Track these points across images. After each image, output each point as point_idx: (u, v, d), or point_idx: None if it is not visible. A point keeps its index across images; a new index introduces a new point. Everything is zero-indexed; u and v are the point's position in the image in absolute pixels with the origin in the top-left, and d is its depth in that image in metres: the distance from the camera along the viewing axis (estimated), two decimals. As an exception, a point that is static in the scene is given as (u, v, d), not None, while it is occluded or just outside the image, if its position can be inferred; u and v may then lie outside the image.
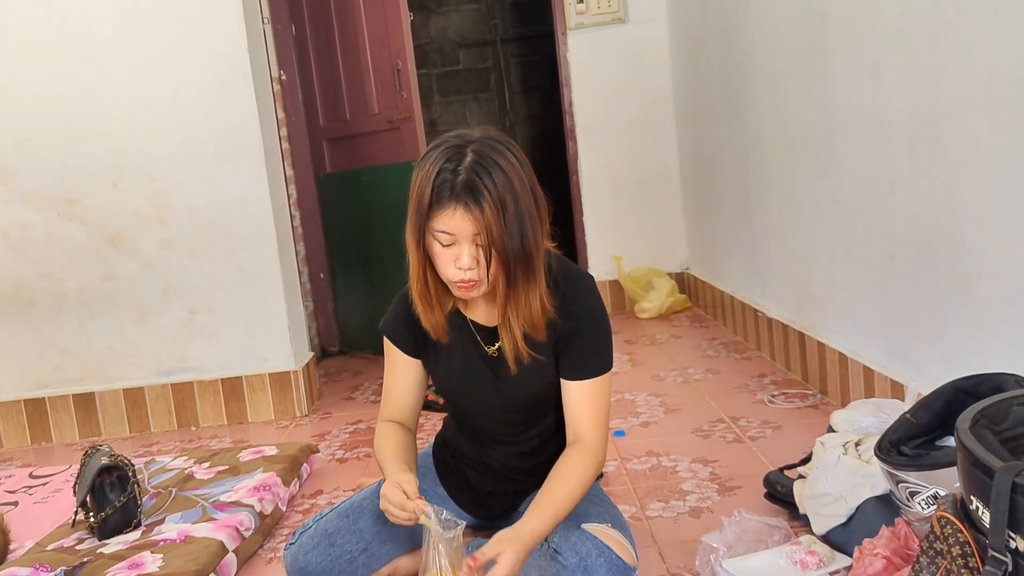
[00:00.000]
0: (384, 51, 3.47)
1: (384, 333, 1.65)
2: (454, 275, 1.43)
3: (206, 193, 2.94)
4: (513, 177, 1.40)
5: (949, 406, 1.45)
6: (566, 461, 1.52)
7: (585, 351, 1.54)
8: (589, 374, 1.54)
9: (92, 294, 2.99)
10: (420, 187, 1.41)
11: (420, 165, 1.43)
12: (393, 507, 1.43)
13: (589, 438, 1.53)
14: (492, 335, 1.58)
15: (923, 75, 1.84)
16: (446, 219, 1.39)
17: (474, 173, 1.37)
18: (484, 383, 1.59)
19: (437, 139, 1.46)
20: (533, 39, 6.21)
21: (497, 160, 1.40)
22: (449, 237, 1.40)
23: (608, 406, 1.58)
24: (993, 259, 1.66)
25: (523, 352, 1.50)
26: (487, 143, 1.41)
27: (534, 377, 1.56)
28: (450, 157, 1.39)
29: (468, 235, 1.39)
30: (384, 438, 1.61)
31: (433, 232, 1.41)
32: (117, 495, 1.93)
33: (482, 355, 1.59)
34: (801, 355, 2.71)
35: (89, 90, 2.90)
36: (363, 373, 3.59)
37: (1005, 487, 1.00)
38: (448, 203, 1.38)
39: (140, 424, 3.02)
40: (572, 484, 1.49)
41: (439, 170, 1.39)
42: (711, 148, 3.65)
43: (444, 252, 1.42)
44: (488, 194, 1.37)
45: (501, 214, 1.38)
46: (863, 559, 1.42)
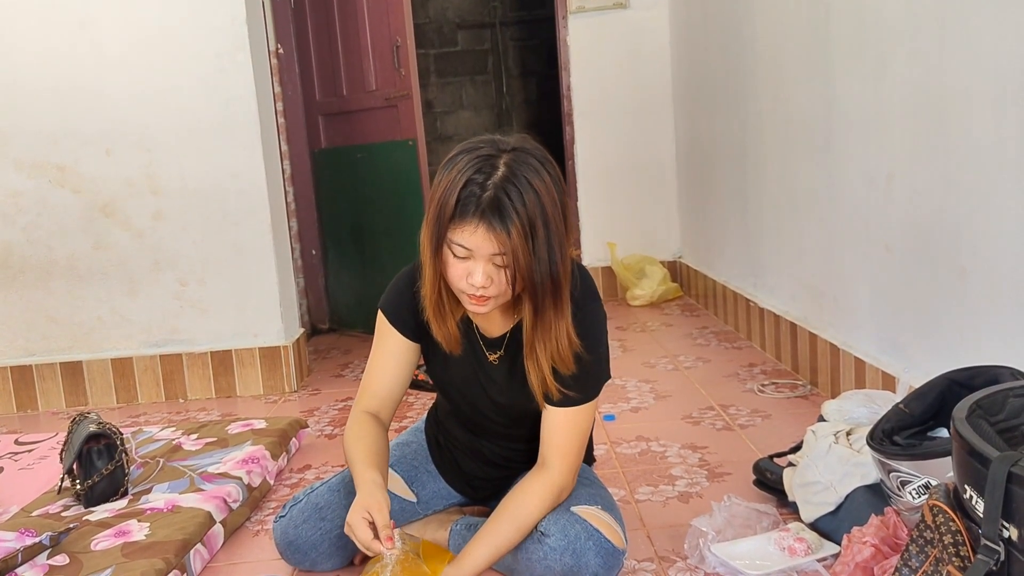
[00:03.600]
0: (384, 27, 3.44)
1: (383, 310, 1.56)
2: (465, 288, 1.36)
3: (200, 165, 2.92)
4: (545, 199, 1.31)
5: (943, 397, 1.46)
6: (525, 492, 1.47)
7: (574, 380, 1.46)
8: (572, 403, 1.48)
9: (82, 263, 2.96)
10: (444, 194, 1.31)
11: (446, 169, 1.34)
12: (358, 543, 1.37)
13: (555, 467, 1.48)
14: (496, 344, 1.54)
15: (927, 66, 1.84)
16: (466, 235, 1.31)
17: (503, 191, 1.28)
18: (479, 388, 1.57)
19: (468, 142, 1.36)
20: (532, 23, 6.18)
21: (531, 179, 1.30)
22: (465, 251, 1.33)
23: (586, 434, 1.52)
24: (990, 252, 1.66)
25: (552, 388, 1.43)
26: (522, 157, 1.32)
27: (524, 389, 1.50)
28: (480, 167, 1.30)
29: (486, 254, 1.32)
30: (356, 434, 1.52)
31: (450, 243, 1.33)
32: (104, 463, 1.91)
33: (482, 362, 1.55)
34: (792, 346, 2.72)
35: (84, 57, 2.86)
36: (353, 351, 3.58)
37: (1000, 476, 1.00)
38: (471, 218, 1.29)
39: (128, 395, 3.00)
40: (522, 520, 1.46)
41: (467, 180, 1.29)
42: (708, 136, 3.65)
43: (457, 264, 1.34)
44: (517, 216, 1.28)
45: (529, 239, 1.29)
46: (851, 547, 1.42)
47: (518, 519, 1.46)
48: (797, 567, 1.51)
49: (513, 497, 1.48)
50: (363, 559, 1.66)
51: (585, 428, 1.52)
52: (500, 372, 1.54)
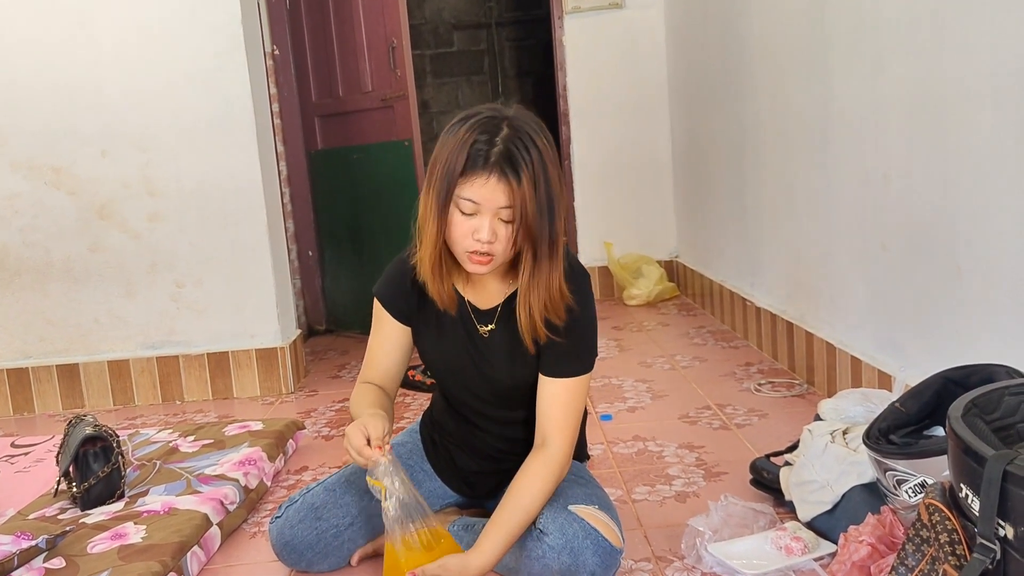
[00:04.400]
0: (379, 28, 3.44)
1: (376, 296, 1.63)
2: (469, 246, 1.42)
3: (197, 166, 2.91)
4: (546, 156, 1.40)
5: (939, 396, 1.46)
6: (527, 475, 1.50)
7: (569, 350, 1.51)
8: (568, 374, 1.52)
9: (79, 265, 2.96)
10: (450, 152, 1.39)
11: (451, 132, 1.42)
12: (351, 449, 1.41)
13: (555, 442, 1.51)
14: (487, 317, 1.57)
15: (924, 66, 1.84)
16: (476, 187, 1.38)
17: (512, 145, 1.37)
18: (471, 363, 1.58)
19: (467, 111, 1.45)
20: (528, 23, 6.18)
21: (533, 137, 1.39)
22: (473, 206, 1.39)
23: (581, 408, 1.56)
24: (987, 250, 1.66)
25: (540, 331, 1.47)
26: (521, 120, 1.41)
27: (520, 364, 1.55)
28: (486, 127, 1.39)
29: (493, 207, 1.39)
30: (361, 394, 1.59)
31: (457, 199, 1.39)
32: (101, 465, 1.91)
33: (472, 336, 1.58)
34: (789, 345, 2.72)
35: (80, 58, 2.86)
36: (350, 352, 3.58)
37: (996, 475, 1.00)
38: (481, 171, 1.37)
39: (124, 397, 3.00)
40: (529, 503, 1.47)
41: (475, 139, 1.37)
42: (705, 136, 3.65)
43: (463, 222, 1.41)
44: (525, 167, 1.37)
45: (535, 190, 1.37)
46: (848, 546, 1.43)
47: (524, 503, 1.48)
48: (794, 566, 1.51)
49: (516, 483, 1.50)
50: (360, 559, 1.66)
51: (581, 402, 1.55)
52: (492, 345, 1.56)
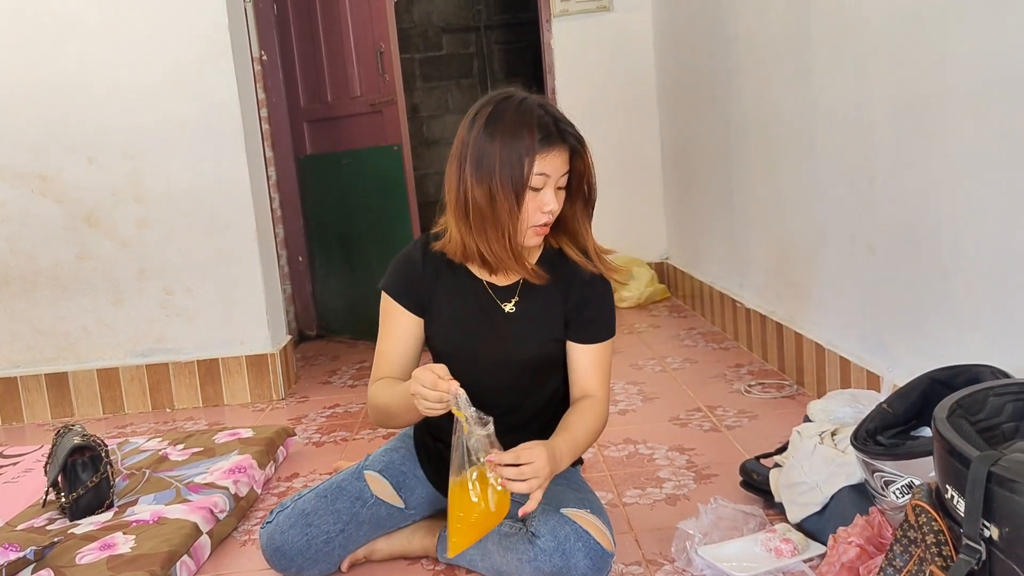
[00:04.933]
0: (367, 33, 3.44)
1: (385, 290, 1.62)
2: (538, 220, 1.49)
3: (185, 173, 2.91)
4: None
5: (925, 397, 1.46)
6: (581, 407, 1.57)
7: (597, 316, 1.61)
8: (600, 338, 1.61)
9: (67, 273, 2.95)
10: (512, 136, 1.44)
11: (495, 120, 1.46)
12: (424, 387, 1.37)
13: (599, 394, 1.60)
14: (507, 293, 1.60)
15: (907, 68, 1.85)
16: (549, 162, 1.46)
17: (558, 115, 1.48)
18: (493, 342, 1.59)
19: (488, 101, 1.51)
20: (517, 26, 6.19)
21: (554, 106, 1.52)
22: (543, 179, 1.47)
23: (611, 369, 1.66)
24: (972, 251, 1.67)
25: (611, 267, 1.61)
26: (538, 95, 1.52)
27: (548, 333, 1.60)
28: (528, 107, 1.47)
29: (557, 176, 1.48)
30: (386, 384, 1.57)
31: (532, 177, 1.46)
32: (89, 475, 1.90)
33: (494, 315, 1.59)
34: (778, 346, 2.73)
35: (66, 65, 2.85)
36: (341, 357, 3.58)
37: (981, 476, 1.00)
38: (551, 145, 1.45)
39: (114, 405, 2.99)
40: (590, 424, 1.55)
41: (533, 120, 1.45)
42: (693, 138, 3.66)
43: (533, 199, 1.48)
44: (578, 132, 1.50)
45: (587, 148, 1.52)
46: (837, 547, 1.43)
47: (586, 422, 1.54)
48: (784, 568, 1.51)
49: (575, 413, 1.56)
50: (351, 565, 1.65)
51: (611, 361, 1.66)
52: (517, 320, 1.58)
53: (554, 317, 1.60)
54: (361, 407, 2.82)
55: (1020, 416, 1.18)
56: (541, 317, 1.59)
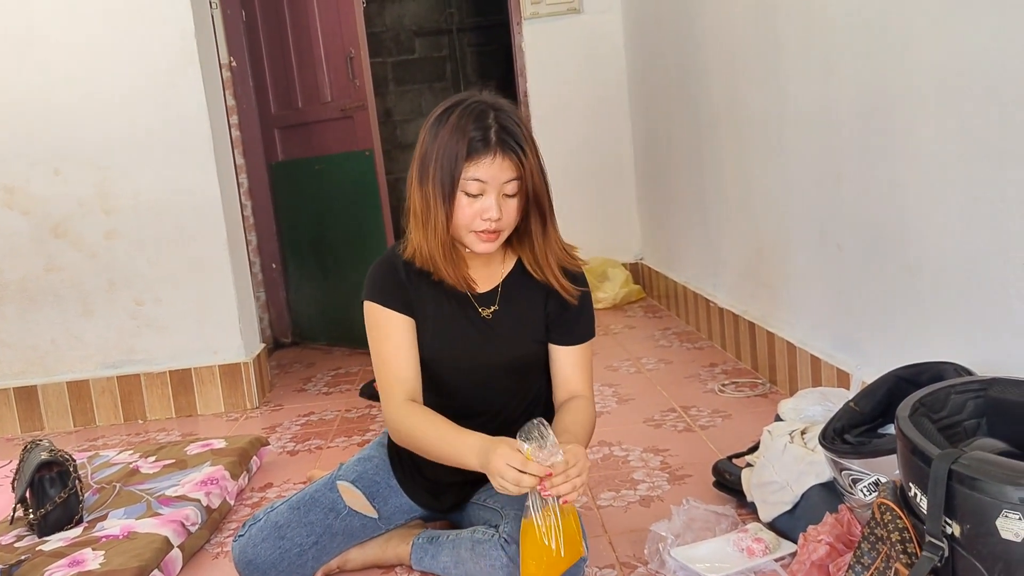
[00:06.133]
0: (337, 38, 3.42)
1: (372, 300, 1.58)
2: (478, 226, 1.47)
3: (153, 182, 2.88)
4: (528, 127, 1.51)
5: (891, 394, 1.48)
6: (574, 407, 1.59)
7: (578, 317, 1.62)
8: (582, 339, 1.63)
9: (34, 285, 2.91)
10: (448, 140, 1.44)
11: (439, 124, 1.47)
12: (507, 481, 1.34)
13: (586, 393, 1.63)
14: (487, 299, 1.59)
15: (871, 68, 1.86)
16: (483, 167, 1.44)
17: (506, 122, 1.45)
18: (476, 347, 1.58)
19: (446, 103, 1.51)
20: (489, 29, 6.19)
21: (514, 112, 1.49)
22: (479, 186, 1.45)
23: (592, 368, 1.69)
24: (936, 250, 1.69)
25: (567, 287, 1.57)
26: (494, 98, 1.50)
27: (530, 338, 1.61)
28: (473, 112, 1.45)
29: (498, 184, 1.45)
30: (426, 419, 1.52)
31: (464, 183, 1.45)
32: (57, 491, 1.88)
33: (474, 320, 1.59)
34: (751, 345, 2.74)
35: (30, 75, 2.81)
36: (316, 364, 3.56)
37: (942, 474, 1.01)
38: (486, 152, 1.43)
39: (85, 418, 2.95)
40: (587, 423, 1.57)
41: (471, 123, 1.44)
42: (665, 138, 3.67)
43: (469, 204, 1.46)
44: (524, 139, 1.46)
45: (536, 157, 1.48)
46: (807, 545, 1.44)
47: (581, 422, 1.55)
48: (755, 568, 1.52)
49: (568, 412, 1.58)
50: (324, 575, 1.65)
51: (592, 366, 1.68)
52: (498, 325, 1.59)
53: (534, 321, 1.61)
54: (337, 414, 2.80)
55: (981, 413, 1.20)
56: (521, 322, 1.60)
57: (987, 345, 1.54)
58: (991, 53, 1.45)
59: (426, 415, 1.53)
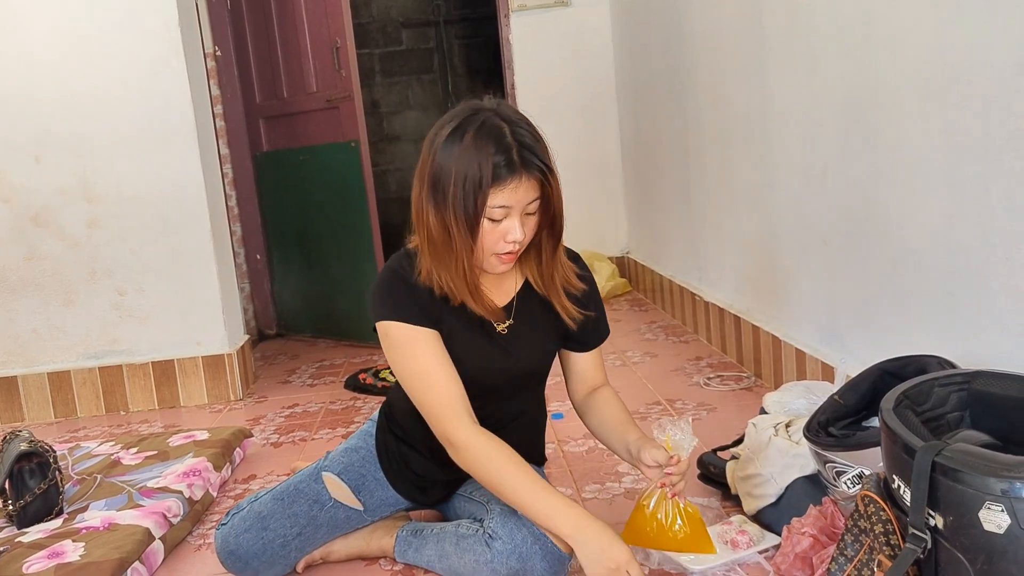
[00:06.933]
0: (323, 28, 3.40)
1: (390, 319, 1.47)
2: (502, 248, 1.42)
3: (136, 171, 2.85)
4: (544, 139, 1.43)
5: (875, 387, 1.48)
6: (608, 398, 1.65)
7: (595, 323, 1.64)
8: (601, 342, 1.68)
9: (14, 274, 2.88)
10: (467, 168, 1.35)
11: (451, 145, 1.37)
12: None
13: (607, 382, 1.69)
14: (503, 313, 1.56)
15: (855, 64, 1.87)
16: (507, 193, 1.37)
17: (523, 140, 1.38)
18: (492, 362, 1.55)
19: (453, 118, 1.40)
20: (476, 21, 6.16)
21: (528, 123, 1.42)
22: (504, 211, 1.39)
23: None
24: (918, 244, 1.69)
25: (571, 308, 1.55)
26: (509, 112, 1.42)
27: (545, 349, 1.62)
28: (491, 132, 1.36)
29: (523, 206, 1.40)
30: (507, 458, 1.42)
31: (489, 210, 1.38)
32: (37, 482, 1.86)
33: (491, 334, 1.55)
34: (736, 338, 2.75)
35: (12, 63, 2.78)
36: (300, 356, 3.54)
37: (925, 466, 1.02)
38: (511, 177, 1.36)
39: (66, 409, 2.92)
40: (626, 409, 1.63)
41: (491, 147, 1.35)
42: (651, 133, 3.67)
43: (493, 229, 1.40)
44: (546, 155, 1.40)
45: (555, 174, 1.42)
46: (791, 537, 1.44)
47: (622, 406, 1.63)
48: (740, 560, 1.52)
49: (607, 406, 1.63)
50: (306, 566, 1.64)
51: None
52: (513, 339, 1.56)
53: (548, 332, 1.61)
54: (320, 406, 2.79)
55: (964, 406, 1.20)
56: (535, 334, 1.59)
57: (970, 339, 1.55)
58: (974, 49, 1.45)
59: (512, 459, 1.43)
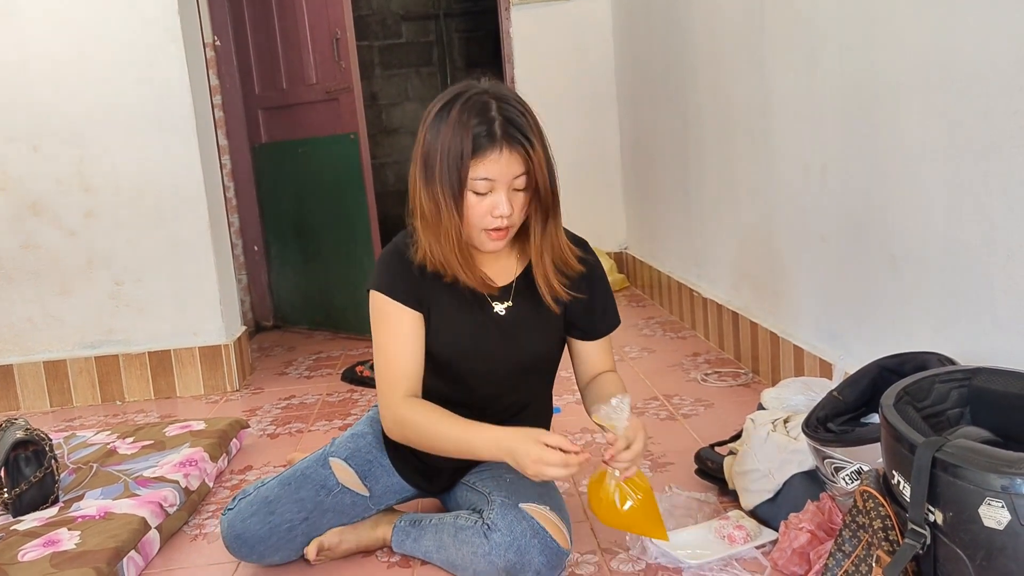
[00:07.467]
0: (323, 19, 3.38)
1: (380, 291, 1.52)
2: (489, 223, 1.43)
3: (134, 161, 2.84)
4: (536, 120, 1.44)
5: (875, 384, 1.48)
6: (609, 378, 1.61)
7: (603, 308, 1.62)
8: (609, 331, 1.65)
9: (11, 263, 2.87)
10: (450, 139, 1.38)
11: (439, 120, 1.41)
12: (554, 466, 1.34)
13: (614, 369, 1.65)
14: (502, 294, 1.56)
15: (857, 59, 1.86)
16: (489, 165, 1.38)
17: (509, 113, 1.39)
18: (490, 343, 1.55)
19: (444, 95, 1.44)
20: (477, 14, 6.15)
21: (518, 99, 1.43)
22: (488, 184, 1.40)
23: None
24: (918, 241, 1.69)
25: (559, 290, 1.52)
26: (499, 88, 1.44)
27: (546, 335, 1.58)
28: (475, 106, 1.39)
29: (508, 180, 1.40)
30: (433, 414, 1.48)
31: (472, 182, 1.39)
32: (33, 470, 1.85)
33: (490, 316, 1.55)
34: (734, 335, 2.75)
35: (8, 51, 2.76)
36: (297, 348, 3.53)
37: (926, 462, 1.02)
38: (491, 148, 1.38)
39: (62, 398, 2.92)
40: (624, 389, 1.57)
41: (473, 119, 1.37)
42: (651, 128, 3.67)
43: (479, 203, 1.41)
44: (530, 130, 1.40)
45: (544, 148, 1.42)
46: (789, 533, 1.44)
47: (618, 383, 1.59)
48: (736, 555, 1.52)
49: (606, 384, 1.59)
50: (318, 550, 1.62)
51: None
52: (513, 321, 1.55)
53: (552, 319, 1.57)
54: (318, 398, 2.78)
55: (965, 402, 1.20)
56: (536, 319, 1.56)
57: (970, 336, 1.55)
58: (976, 46, 1.45)
59: (434, 411, 1.49)
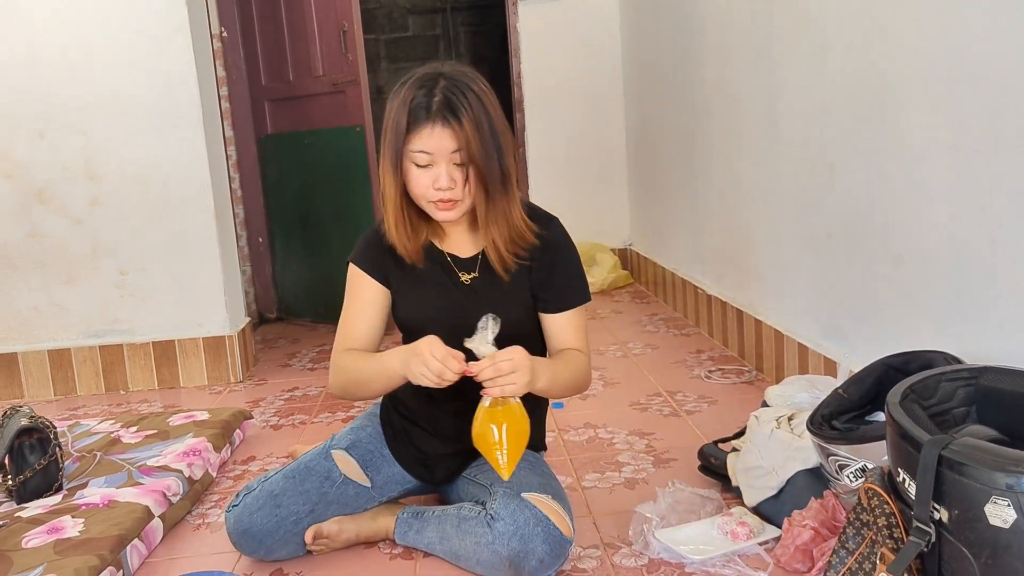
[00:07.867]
0: (330, 12, 3.38)
1: (353, 262, 1.63)
2: (432, 195, 1.48)
3: (140, 151, 2.84)
4: (485, 100, 1.48)
5: (880, 382, 1.48)
6: (564, 354, 1.59)
7: (565, 282, 1.60)
8: (573, 303, 1.61)
9: (16, 251, 2.87)
10: (396, 112, 1.47)
11: (395, 94, 1.50)
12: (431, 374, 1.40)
13: (581, 348, 1.61)
14: (469, 265, 1.60)
15: (865, 57, 1.86)
16: (424, 138, 1.44)
17: (450, 92, 1.45)
18: (457, 312, 1.55)
19: (410, 73, 1.52)
20: (483, 8, 6.14)
21: (469, 84, 1.47)
22: (426, 157, 1.46)
23: (587, 337, 1.65)
24: (923, 239, 1.69)
25: (508, 260, 1.54)
26: (457, 72, 1.49)
27: (512, 306, 1.57)
28: (423, 83, 1.46)
29: (446, 153, 1.45)
30: (355, 354, 1.58)
31: (410, 154, 1.46)
32: (37, 458, 1.86)
33: (457, 284, 1.59)
34: (738, 332, 2.75)
35: (15, 39, 2.76)
36: (301, 340, 3.53)
37: (931, 460, 1.02)
38: (426, 122, 1.44)
39: (66, 387, 2.92)
40: (573, 366, 1.57)
41: (414, 95, 1.45)
42: (657, 124, 3.66)
43: (421, 174, 1.47)
44: (465, 110, 1.44)
45: (478, 129, 1.45)
46: (792, 530, 1.45)
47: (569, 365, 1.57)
48: (739, 551, 1.52)
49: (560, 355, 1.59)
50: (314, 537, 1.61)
51: (586, 330, 1.66)
52: (478, 292, 1.58)
53: (519, 290, 1.58)
54: (321, 390, 2.79)
55: (971, 401, 1.20)
56: (504, 289, 1.57)
57: (975, 335, 1.55)
58: (985, 44, 1.44)
59: (360, 352, 1.59)
